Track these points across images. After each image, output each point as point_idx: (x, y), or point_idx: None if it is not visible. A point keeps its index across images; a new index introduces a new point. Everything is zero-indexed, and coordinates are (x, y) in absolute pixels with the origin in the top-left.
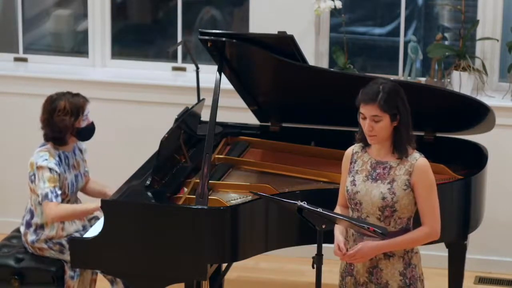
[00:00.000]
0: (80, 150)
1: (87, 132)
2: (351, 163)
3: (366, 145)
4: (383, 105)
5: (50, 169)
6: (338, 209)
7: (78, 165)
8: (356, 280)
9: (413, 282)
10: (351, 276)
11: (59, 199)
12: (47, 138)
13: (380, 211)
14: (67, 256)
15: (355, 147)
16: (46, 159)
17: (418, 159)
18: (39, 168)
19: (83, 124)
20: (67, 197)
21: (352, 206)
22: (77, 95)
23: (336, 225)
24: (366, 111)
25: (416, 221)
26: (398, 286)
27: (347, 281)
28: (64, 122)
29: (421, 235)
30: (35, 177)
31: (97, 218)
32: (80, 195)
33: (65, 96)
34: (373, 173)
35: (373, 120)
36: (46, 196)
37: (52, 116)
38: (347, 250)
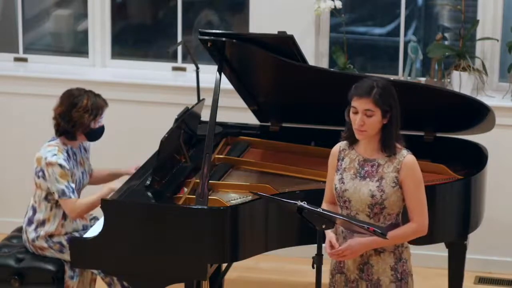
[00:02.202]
0: (85, 149)
1: (97, 134)
2: (338, 160)
3: (353, 142)
4: (378, 100)
5: (60, 165)
6: (324, 206)
7: (84, 163)
8: (347, 277)
9: (404, 277)
10: (341, 273)
11: (76, 194)
12: (59, 130)
13: (369, 209)
14: (66, 256)
15: (341, 145)
16: (55, 155)
17: (405, 156)
18: (49, 164)
19: (97, 125)
20: None
21: (341, 204)
22: (99, 95)
23: None
24: (359, 104)
25: (404, 217)
26: (390, 281)
27: (336, 279)
28: (83, 119)
29: (409, 231)
30: (43, 173)
31: (96, 218)
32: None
33: (87, 94)
34: (361, 171)
35: (365, 114)
36: (63, 193)
37: (71, 110)
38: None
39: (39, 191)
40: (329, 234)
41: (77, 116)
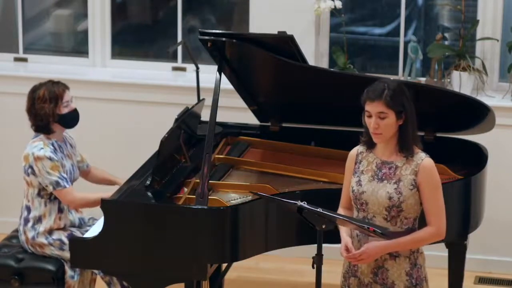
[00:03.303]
0: (71, 145)
1: (70, 119)
2: (355, 163)
3: (371, 146)
4: (389, 101)
5: (49, 158)
6: (340, 211)
7: (71, 156)
8: (361, 281)
9: (419, 283)
10: (355, 277)
11: (70, 183)
12: (34, 127)
13: (386, 211)
14: (66, 253)
15: (359, 148)
16: (42, 148)
17: (424, 159)
18: (37, 159)
19: (64, 110)
20: None
21: (358, 206)
22: (57, 83)
23: (341, 226)
24: (372, 108)
25: (421, 222)
26: (404, 286)
27: (350, 282)
28: (44, 109)
29: (426, 235)
30: (33, 169)
31: (94, 219)
32: (81, 184)
33: (45, 85)
34: (379, 173)
35: (378, 117)
36: (57, 184)
37: (33, 104)
38: None
39: (31, 189)
40: (345, 237)
41: (39, 108)
